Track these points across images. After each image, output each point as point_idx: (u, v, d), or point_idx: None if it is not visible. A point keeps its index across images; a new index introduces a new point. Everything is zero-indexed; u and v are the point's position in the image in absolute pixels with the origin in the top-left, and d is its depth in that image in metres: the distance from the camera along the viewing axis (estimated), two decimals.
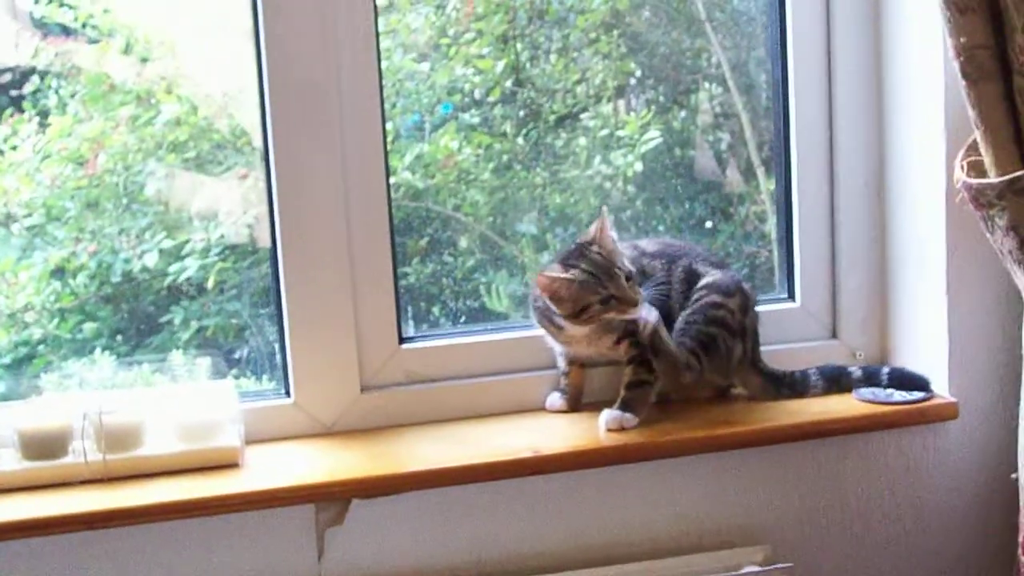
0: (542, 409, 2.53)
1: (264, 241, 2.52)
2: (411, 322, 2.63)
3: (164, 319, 2.62)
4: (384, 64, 2.45)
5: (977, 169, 2.31)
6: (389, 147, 2.49)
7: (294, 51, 2.37)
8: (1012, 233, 2.24)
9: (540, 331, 2.50)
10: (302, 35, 2.36)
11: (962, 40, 2.17)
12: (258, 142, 2.47)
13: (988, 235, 2.30)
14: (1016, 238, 2.24)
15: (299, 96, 2.37)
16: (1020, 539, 2.38)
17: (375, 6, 2.42)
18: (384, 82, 2.45)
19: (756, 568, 2.36)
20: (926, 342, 2.54)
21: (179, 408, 2.35)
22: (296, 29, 2.36)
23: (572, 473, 2.39)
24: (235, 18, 2.44)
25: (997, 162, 2.25)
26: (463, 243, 2.71)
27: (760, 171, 2.75)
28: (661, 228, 2.75)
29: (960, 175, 2.32)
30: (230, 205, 2.61)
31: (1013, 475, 2.38)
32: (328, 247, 2.42)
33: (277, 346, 2.49)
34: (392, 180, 2.53)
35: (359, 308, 2.45)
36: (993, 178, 2.25)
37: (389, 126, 2.53)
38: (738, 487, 2.48)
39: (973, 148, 2.31)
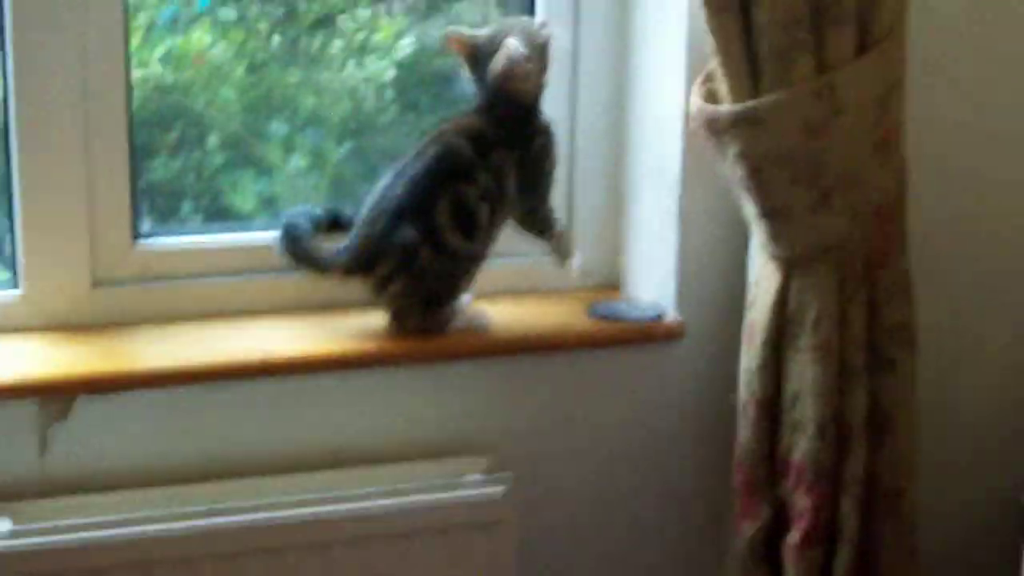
0: (280, 311, 2.51)
1: None
2: (155, 219, 2.59)
3: None
4: None
5: (713, 97, 2.36)
6: (142, 40, 2.43)
7: None
8: (743, 161, 2.30)
9: None
10: None
11: None
12: None
13: (721, 163, 2.36)
14: (746, 166, 2.30)
15: None
16: (735, 460, 2.47)
17: None
18: None
19: (477, 477, 2.40)
20: (658, 264, 2.59)
21: None
22: None
23: (303, 378, 2.39)
24: None
25: (732, 91, 2.30)
26: (212, 141, 2.67)
27: None
28: (413, 136, 2.74)
29: (696, 101, 2.37)
30: None
31: (731, 395, 2.46)
32: (63, 136, 2.35)
33: (8, 236, 2.43)
34: (142, 73, 2.47)
35: (94, 202, 2.39)
36: (727, 106, 2.30)
37: (143, 18, 2.48)
38: (465, 398, 2.51)
39: (711, 76, 2.36)
